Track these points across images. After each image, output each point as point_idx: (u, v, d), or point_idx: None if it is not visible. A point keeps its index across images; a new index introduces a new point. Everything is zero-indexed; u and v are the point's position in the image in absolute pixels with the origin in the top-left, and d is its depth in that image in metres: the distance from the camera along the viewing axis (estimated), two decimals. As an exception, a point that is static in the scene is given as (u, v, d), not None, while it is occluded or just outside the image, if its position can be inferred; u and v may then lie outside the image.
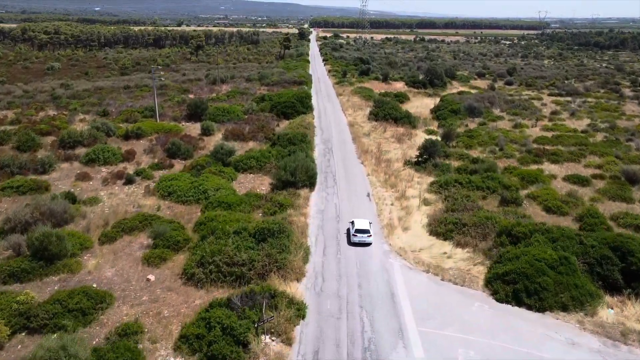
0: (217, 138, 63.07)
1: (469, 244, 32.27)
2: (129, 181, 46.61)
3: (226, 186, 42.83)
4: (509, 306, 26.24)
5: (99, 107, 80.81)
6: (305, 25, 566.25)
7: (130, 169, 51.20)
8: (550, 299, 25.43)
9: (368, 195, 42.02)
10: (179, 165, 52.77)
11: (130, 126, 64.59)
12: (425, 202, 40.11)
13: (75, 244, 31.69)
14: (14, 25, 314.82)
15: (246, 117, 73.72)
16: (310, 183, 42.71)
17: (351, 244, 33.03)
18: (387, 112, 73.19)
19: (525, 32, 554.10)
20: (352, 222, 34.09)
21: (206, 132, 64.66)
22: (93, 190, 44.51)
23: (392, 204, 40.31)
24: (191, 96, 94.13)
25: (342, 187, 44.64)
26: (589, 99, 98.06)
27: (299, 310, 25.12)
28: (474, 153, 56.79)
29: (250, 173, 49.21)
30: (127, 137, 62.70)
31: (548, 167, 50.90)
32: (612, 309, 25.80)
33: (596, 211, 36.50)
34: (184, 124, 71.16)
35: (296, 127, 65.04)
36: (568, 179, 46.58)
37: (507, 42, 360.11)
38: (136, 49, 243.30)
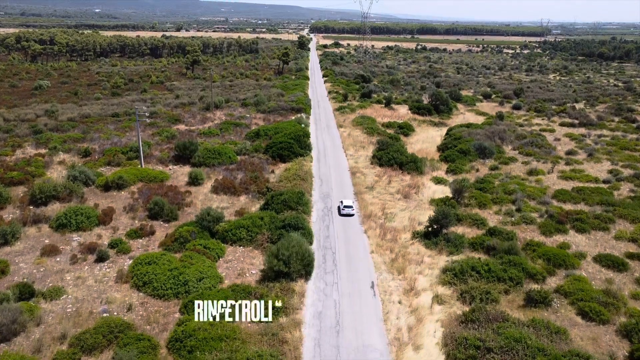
0: (205, 190, 57.57)
1: (496, 379, 26.76)
2: (101, 258, 41.08)
3: (211, 273, 37.24)
4: None
5: (83, 142, 75.43)
6: (305, 31, 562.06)
7: (106, 236, 45.72)
8: None
9: (372, 286, 36.50)
10: (160, 230, 47.29)
11: (111, 174, 59.09)
12: (439, 301, 34.61)
13: (19, 379, 26.21)
14: (10, 31, 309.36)
15: (239, 159, 68.28)
16: (307, 272, 37.09)
17: (341, 215, 49.64)
18: (392, 155, 67.62)
19: (527, 38, 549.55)
20: (342, 202, 50.89)
21: (194, 181, 59.16)
22: (58, 272, 38.97)
23: (399, 302, 34.77)
24: (182, 127, 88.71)
25: (342, 271, 39.02)
26: (605, 132, 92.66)
27: None
28: (489, 214, 51.43)
29: (240, 245, 43.68)
30: (107, 187, 57.29)
31: (574, 239, 45.38)
32: None
33: (644, 323, 31.01)
34: (171, 167, 65.69)
35: (292, 176, 59.56)
36: (600, 260, 40.99)
37: (510, 52, 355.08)
38: (132, 59, 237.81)
